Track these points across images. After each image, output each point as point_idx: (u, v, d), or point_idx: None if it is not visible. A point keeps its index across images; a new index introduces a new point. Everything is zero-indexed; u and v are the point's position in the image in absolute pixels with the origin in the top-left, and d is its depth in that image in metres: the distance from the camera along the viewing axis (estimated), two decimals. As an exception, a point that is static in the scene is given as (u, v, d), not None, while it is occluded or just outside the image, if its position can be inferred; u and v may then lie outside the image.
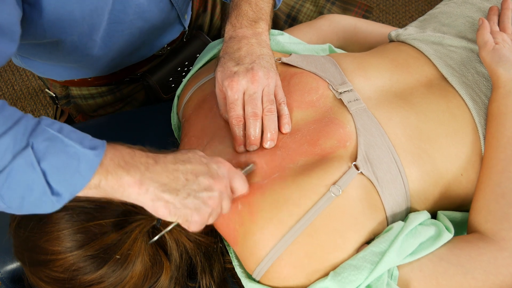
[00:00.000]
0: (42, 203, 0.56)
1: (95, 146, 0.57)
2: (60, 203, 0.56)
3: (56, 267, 0.64)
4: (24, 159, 0.54)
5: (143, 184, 0.58)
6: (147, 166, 0.60)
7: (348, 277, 0.64)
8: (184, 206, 0.61)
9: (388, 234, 0.67)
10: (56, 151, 0.55)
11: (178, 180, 0.61)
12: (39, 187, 0.55)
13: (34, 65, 1.01)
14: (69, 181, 0.55)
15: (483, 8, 0.91)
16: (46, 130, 0.56)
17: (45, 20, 0.74)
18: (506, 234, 0.67)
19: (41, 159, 0.55)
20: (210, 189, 0.63)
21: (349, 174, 0.69)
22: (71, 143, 0.56)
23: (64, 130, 0.57)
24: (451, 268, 0.66)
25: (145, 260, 0.67)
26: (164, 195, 0.60)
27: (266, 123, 0.72)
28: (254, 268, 0.68)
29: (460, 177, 0.75)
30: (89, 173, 0.56)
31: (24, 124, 0.55)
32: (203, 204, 0.62)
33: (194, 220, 0.62)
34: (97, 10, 0.80)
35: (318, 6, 1.21)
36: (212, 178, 0.63)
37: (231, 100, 0.73)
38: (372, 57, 0.85)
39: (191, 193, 0.61)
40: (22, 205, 0.56)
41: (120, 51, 0.96)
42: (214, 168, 0.64)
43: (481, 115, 0.77)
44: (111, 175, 0.57)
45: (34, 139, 0.55)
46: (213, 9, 1.20)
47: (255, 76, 0.72)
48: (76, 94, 1.12)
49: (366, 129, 0.74)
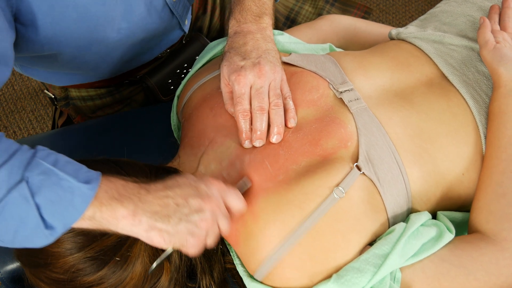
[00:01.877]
0: (35, 237, 0.57)
1: (90, 180, 0.58)
2: (54, 236, 0.57)
3: (56, 269, 0.64)
4: (19, 193, 0.55)
5: (136, 215, 0.59)
6: (139, 197, 0.60)
7: (351, 279, 0.64)
8: (177, 232, 0.61)
9: (390, 236, 0.66)
10: (51, 185, 0.56)
11: (168, 207, 0.61)
12: (33, 220, 0.55)
13: (33, 72, 1.02)
14: (62, 214, 0.56)
15: (484, 7, 0.91)
16: (41, 164, 0.57)
17: (42, 37, 0.74)
18: (507, 235, 0.66)
19: (36, 193, 0.55)
20: (200, 211, 0.62)
21: (351, 176, 0.69)
22: (65, 177, 0.57)
23: (59, 162, 0.58)
24: (453, 269, 0.65)
25: (145, 261, 0.67)
26: (156, 224, 0.60)
27: (273, 117, 0.72)
28: (256, 269, 0.68)
29: (462, 176, 0.75)
30: (83, 207, 0.56)
31: (19, 158, 0.56)
32: (196, 228, 0.62)
33: (191, 245, 0.62)
34: (97, 27, 0.80)
35: (317, 8, 1.21)
36: (201, 199, 0.63)
37: (238, 94, 0.72)
38: (373, 55, 0.84)
39: (183, 218, 0.61)
40: (15, 238, 0.57)
41: (120, 59, 0.97)
42: (203, 188, 0.64)
43: (482, 114, 0.77)
44: (106, 207, 0.58)
45: (29, 173, 0.56)
46: (212, 11, 1.19)
47: (262, 70, 0.72)
48: (75, 95, 1.12)
49: (367, 129, 0.73)
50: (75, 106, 1.14)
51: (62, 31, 0.76)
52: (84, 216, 0.57)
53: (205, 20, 1.19)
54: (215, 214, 0.64)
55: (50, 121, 1.81)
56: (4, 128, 1.81)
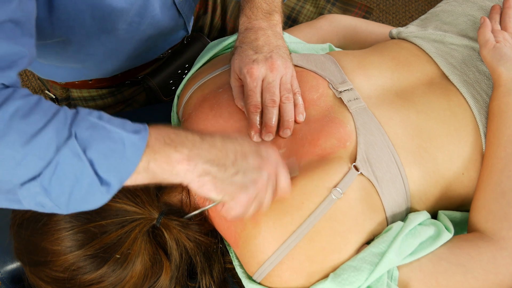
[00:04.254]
0: (91, 196, 0.54)
1: (138, 130, 0.55)
2: (110, 194, 0.54)
3: (56, 267, 0.64)
4: (70, 150, 0.51)
5: (192, 160, 0.56)
6: (193, 143, 0.57)
7: (348, 278, 0.64)
8: (231, 183, 0.59)
9: (387, 235, 0.66)
10: (100, 138, 0.53)
11: (227, 157, 0.59)
12: (87, 178, 0.52)
13: (36, 66, 1.01)
14: (117, 168, 0.53)
15: (485, 6, 0.91)
16: (86, 119, 0.54)
17: (55, 18, 0.73)
18: (506, 234, 0.66)
19: (87, 148, 0.52)
20: (259, 169, 0.61)
21: (349, 176, 0.69)
22: (114, 129, 0.54)
23: (104, 117, 0.55)
24: (451, 267, 0.65)
25: (145, 260, 0.67)
26: (211, 169, 0.57)
27: (283, 111, 0.72)
28: (255, 270, 0.68)
29: (461, 176, 0.75)
30: (137, 157, 0.53)
31: (63, 115, 0.53)
32: (251, 183, 0.60)
33: (240, 201, 0.60)
34: (110, 16, 0.79)
35: (318, 8, 1.21)
36: (261, 159, 0.61)
37: (250, 87, 0.73)
38: (373, 55, 0.84)
39: (240, 170, 0.59)
40: (70, 200, 0.53)
41: (125, 54, 0.97)
42: (264, 151, 0.63)
43: (482, 113, 0.77)
44: (159, 154, 0.55)
45: (76, 128, 0.53)
46: (213, 11, 1.20)
47: (274, 64, 0.72)
48: (77, 96, 1.12)
49: (366, 129, 0.73)
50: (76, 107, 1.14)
51: (75, 14, 0.75)
52: (139, 168, 0.54)
53: (206, 19, 1.19)
54: (270, 179, 0.62)
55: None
56: (6, 128, 1.80)
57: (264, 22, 0.78)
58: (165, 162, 0.55)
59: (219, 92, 0.80)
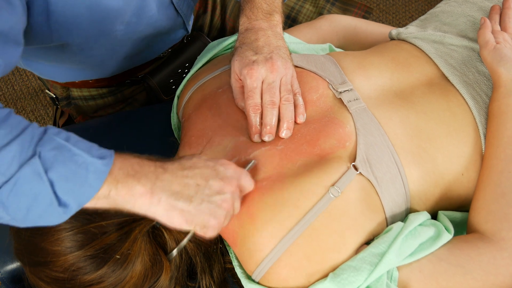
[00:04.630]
0: (48, 215, 0.55)
1: (104, 156, 0.56)
2: (67, 215, 0.55)
3: (56, 267, 0.64)
4: (31, 168, 0.53)
5: (155, 194, 0.58)
6: (156, 175, 0.59)
7: (348, 278, 0.64)
8: (199, 212, 0.60)
9: (387, 235, 0.66)
10: (64, 160, 0.54)
11: (189, 187, 0.60)
12: (46, 197, 0.53)
13: (36, 66, 1.01)
14: (77, 191, 0.54)
15: (484, 7, 0.91)
16: (53, 139, 0.55)
17: (52, 23, 0.74)
18: (505, 234, 0.66)
19: (49, 169, 0.53)
20: (222, 192, 0.62)
21: (348, 175, 0.69)
22: (79, 152, 0.55)
23: (72, 139, 0.56)
24: (450, 268, 0.65)
25: (145, 260, 0.67)
26: (177, 204, 0.59)
27: (283, 112, 0.73)
28: (254, 269, 0.68)
29: (461, 176, 0.75)
30: (98, 183, 0.54)
31: (30, 133, 0.54)
32: (218, 208, 0.62)
33: (212, 225, 0.62)
34: (108, 17, 0.80)
35: (317, 7, 1.21)
36: (222, 181, 0.63)
37: (250, 88, 0.73)
38: (373, 56, 0.84)
39: (205, 198, 0.61)
40: (27, 216, 0.55)
41: (124, 55, 0.97)
42: (222, 170, 0.64)
43: (481, 114, 0.77)
44: (121, 184, 0.56)
45: (42, 147, 0.54)
46: (213, 10, 1.20)
47: (274, 65, 0.72)
48: (77, 95, 1.12)
49: (365, 129, 0.73)
50: (76, 106, 1.14)
51: (73, 18, 0.75)
52: (99, 194, 0.55)
53: (206, 19, 1.19)
54: (234, 195, 0.64)
55: (50, 121, 1.81)
56: (5, 127, 1.80)
57: (264, 22, 0.78)
58: (127, 193, 0.56)
59: (219, 92, 0.80)
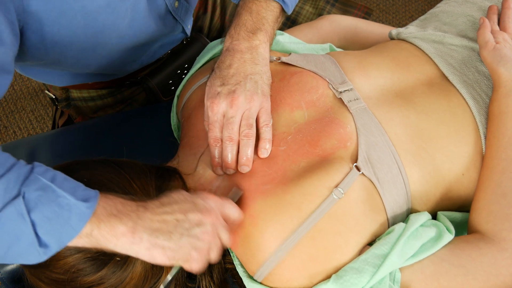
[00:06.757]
0: (28, 254, 0.56)
1: (88, 198, 0.57)
2: (47, 255, 0.56)
3: (56, 269, 0.63)
4: (15, 208, 0.54)
5: (136, 233, 0.58)
6: (137, 214, 0.59)
7: (350, 280, 0.64)
8: (180, 247, 0.60)
9: (389, 236, 0.66)
10: (48, 201, 0.55)
11: (168, 223, 0.60)
12: (27, 238, 0.54)
13: (34, 72, 1.02)
14: (58, 233, 0.55)
15: (484, 7, 0.90)
16: (38, 179, 0.56)
17: (47, 42, 0.75)
18: (506, 235, 0.66)
19: (32, 209, 0.54)
20: (201, 224, 0.62)
21: (350, 176, 0.69)
22: (63, 194, 0.56)
23: (57, 179, 0.57)
24: (452, 269, 0.65)
25: (145, 262, 0.66)
26: (158, 241, 0.59)
27: (241, 148, 0.72)
28: (256, 270, 0.68)
29: (462, 177, 0.75)
30: (80, 225, 0.55)
31: (16, 172, 0.55)
32: (199, 241, 0.62)
33: (194, 259, 0.62)
34: (103, 33, 0.80)
35: (317, 8, 1.21)
36: (200, 213, 0.63)
37: (211, 121, 0.73)
38: (373, 55, 0.84)
39: (184, 233, 0.61)
40: (7, 254, 0.56)
41: (123, 61, 0.97)
42: (200, 202, 0.64)
43: (482, 114, 0.77)
44: (104, 224, 0.57)
45: (26, 188, 0.55)
46: (213, 11, 1.20)
47: (234, 100, 0.71)
48: (76, 96, 1.12)
49: (366, 129, 0.73)
50: (76, 106, 1.14)
51: (68, 36, 0.76)
52: (81, 234, 0.56)
53: (206, 20, 1.19)
54: (215, 227, 0.64)
55: (50, 121, 1.81)
56: (4, 128, 1.81)
57: (244, 43, 0.76)
58: (109, 233, 0.57)
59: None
